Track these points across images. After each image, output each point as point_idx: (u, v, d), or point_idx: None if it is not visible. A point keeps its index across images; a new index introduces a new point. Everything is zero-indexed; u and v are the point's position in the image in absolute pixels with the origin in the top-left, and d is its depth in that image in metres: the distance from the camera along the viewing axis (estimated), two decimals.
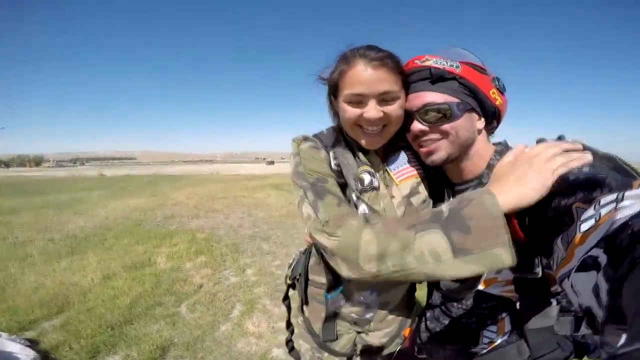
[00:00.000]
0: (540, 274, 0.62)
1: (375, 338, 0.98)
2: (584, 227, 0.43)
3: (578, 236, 0.43)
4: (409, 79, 0.77)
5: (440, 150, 0.74)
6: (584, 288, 0.39)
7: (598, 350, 0.69)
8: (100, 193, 12.51)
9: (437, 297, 0.90)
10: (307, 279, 0.98)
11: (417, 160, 0.86)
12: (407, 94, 0.77)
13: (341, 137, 0.87)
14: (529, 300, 0.70)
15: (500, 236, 0.51)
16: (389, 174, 0.85)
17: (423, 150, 0.76)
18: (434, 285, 0.83)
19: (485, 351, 0.78)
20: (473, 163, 0.77)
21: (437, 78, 0.71)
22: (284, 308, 1.15)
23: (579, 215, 0.46)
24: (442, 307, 0.87)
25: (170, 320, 2.66)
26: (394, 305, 0.96)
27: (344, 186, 0.80)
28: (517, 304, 0.72)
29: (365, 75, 0.71)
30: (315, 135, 0.88)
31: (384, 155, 0.88)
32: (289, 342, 1.12)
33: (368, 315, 0.94)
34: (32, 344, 2.26)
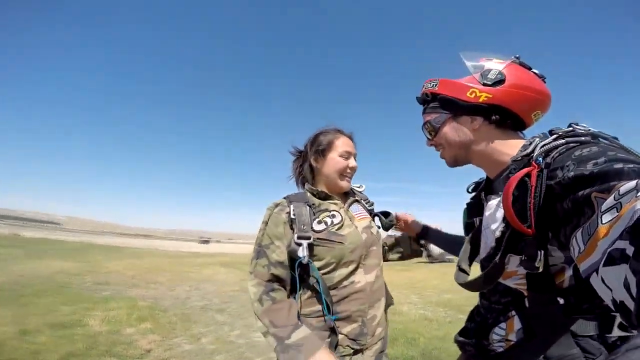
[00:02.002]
0: (540, 269, 0.60)
1: (367, 357, 1.07)
2: (606, 218, 0.41)
3: (601, 228, 0.41)
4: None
5: (445, 157, 0.87)
6: (616, 282, 0.37)
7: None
8: (13, 251, 10.62)
9: (478, 297, 0.90)
10: (304, 315, 1.07)
11: (365, 209, 1.25)
12: None
13: (306, 196, 1.18)
14: (535, 297, 0.67)
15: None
16: (351, 213, 1.19)
17: (441, 157, 0.90)
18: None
19: (502, 349, 0.76)
20: (495, 159, 0.78)
21: (422, 103, 0.87)
22: None
23: (599, 206, 0.44)
24: (479, 303, 0.87)
25: None
26: (379, 320, 1.11)
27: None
28: (526, 301, 0.70)
29: (349, 142, 1.20)
30: (286, 196, 1.16)
31: (346, 203, 1.21)
32: None
33: (365, 330, 1.06)
34: None
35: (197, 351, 3.00)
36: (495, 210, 0.73)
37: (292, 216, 1.07)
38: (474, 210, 0.92)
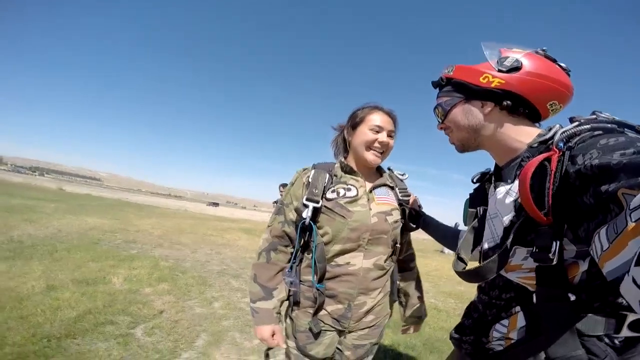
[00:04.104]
0: (555, 261, 0.58)
1: (350, 340, 1.15)
2: (635, 216, 0.40)
3: (631, 226, 0.40)
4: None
5: (454, 140, 0.87)
6: None
7: None
8: (56, 206, 11.48)
9: (475, 292, 0.89)
10: (300, 281, 1.14)
11: (397, 199, 1.22)
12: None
13: (332, 166, 1.22)
14: (545, 292, 0.64)
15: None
16: (372, 194, 1.17)
17: (450, 142, 0.90)
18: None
19: (501, 348, 0.72)
20: (505, 145, 0.77)
21: (437, 87, 0.88)
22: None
23: (627, 203, 0.42)
24: (476, 299, 0.87)
25: (123, 340, 2.28)
26: (370, 308, 1.13)
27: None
28: (534, 297, 0.67)
29: (384, 118, 1.16)
30: (314, 164, 1.23)
31: (372, 184, 1.21)
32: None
33: (349, 314, 1.10)
34: None
35: (207, 315, 3.09)
36: (504, 197, 0.71)
37: (309, 180, 1.13)
38: (477, 201, 0.91)
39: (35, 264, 3.93)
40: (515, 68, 0.71)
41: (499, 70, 0.73)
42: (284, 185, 5.56)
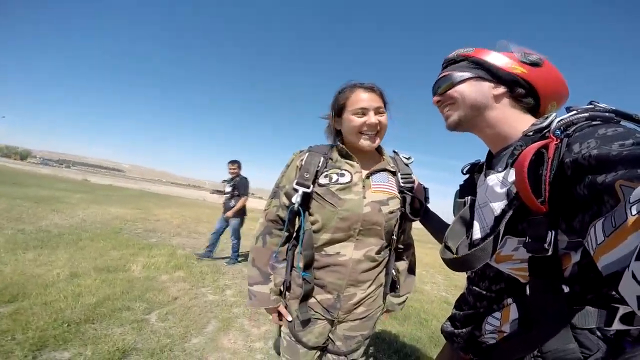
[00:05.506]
0: (550, 252, 0.57)
1: (341, 331, 1.13)
2: (636, 209, 0.38)
3: (631, 219, 0.38)
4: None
5: (450, 115, 0.84)
6: None
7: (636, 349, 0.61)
8: (81, 196, 12.03)
9: (465, 284, 0.89)
10: (292, 266, 1.15)
11: (397, 186, 1.16)
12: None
13: (328, 149, 1.18)
14: (539, 284, 0.63)
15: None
16: (368, 182, 1.11)
17: (444, 117, 0.87)
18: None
19: (494, 341, 0.72)
20: (503, 130, 0.77)
21: (448, 62, 0.86)
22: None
23: (625, 195, 0.41)
24: (466, 291, 0.86)
25: (137, 325, 2.40)
26: (360, 299, 1.10)
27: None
28: (527, 289, 0.66)
29: (365, 96, 1.07)
30: (310, 147, 1.18)
31: (369, 170, 1.14)
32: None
33: (338, 305, 1.09)
34: None
35: (219, 302, 3.19)
36: (495, 185, 0.71)
37: (302, 163, 1.11)
38: (466, 191, 0.90)
39: (61, 252, 4.15)
40: (537, 64, 0.75)
41: (522, 62, 0.76)
42: (232, 162, 5.33)
